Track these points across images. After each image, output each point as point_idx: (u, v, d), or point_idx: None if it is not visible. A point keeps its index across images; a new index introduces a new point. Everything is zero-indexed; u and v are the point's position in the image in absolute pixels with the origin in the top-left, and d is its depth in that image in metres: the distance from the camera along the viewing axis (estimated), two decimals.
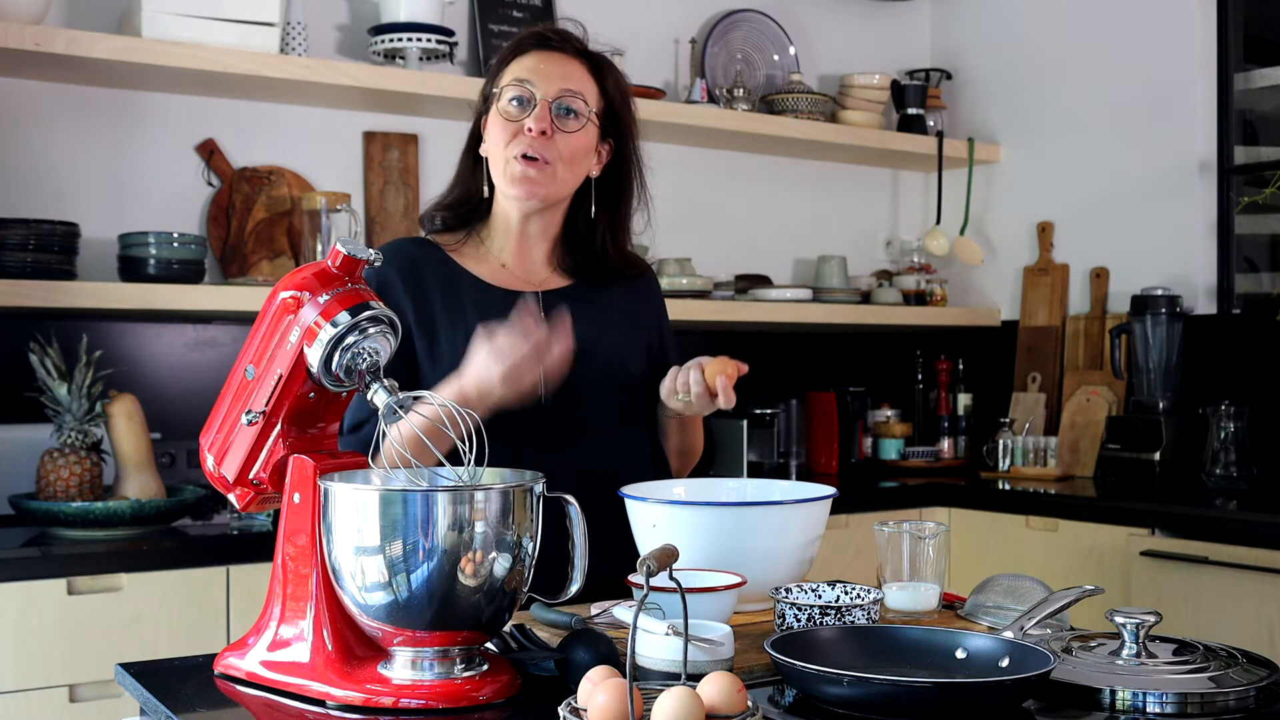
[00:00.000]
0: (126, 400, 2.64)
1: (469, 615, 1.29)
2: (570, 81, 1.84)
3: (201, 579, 2.44)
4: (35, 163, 2.89)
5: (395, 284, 1.83)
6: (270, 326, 1.39)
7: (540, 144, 1.80)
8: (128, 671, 1.43)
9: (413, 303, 1.83)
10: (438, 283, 1.85)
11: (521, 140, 1.80)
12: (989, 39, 4.08)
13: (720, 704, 1.13)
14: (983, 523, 3.31)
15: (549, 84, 1.82)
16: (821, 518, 1.66)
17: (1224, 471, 3.18)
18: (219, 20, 2.82)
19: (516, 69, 1.84)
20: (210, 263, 3.05)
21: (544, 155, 1.81)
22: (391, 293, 1.82)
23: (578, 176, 1.87)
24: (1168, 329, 3.40)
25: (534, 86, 1.82)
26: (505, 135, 1.82)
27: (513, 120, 1.82)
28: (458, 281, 1.86)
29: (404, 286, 1.83)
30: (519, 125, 1.81)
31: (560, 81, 1.83)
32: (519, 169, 1.81)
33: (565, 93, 1.83)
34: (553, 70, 1.83)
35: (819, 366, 3.98)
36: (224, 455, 1.43)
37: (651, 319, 2.01)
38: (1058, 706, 1.26)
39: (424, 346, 1.82)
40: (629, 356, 1.93)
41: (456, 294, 1.85)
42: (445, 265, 1.87)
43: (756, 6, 3.88)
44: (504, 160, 1.82)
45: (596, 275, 1.94)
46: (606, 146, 1.92)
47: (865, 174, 4.14)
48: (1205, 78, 3.53)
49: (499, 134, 1.83)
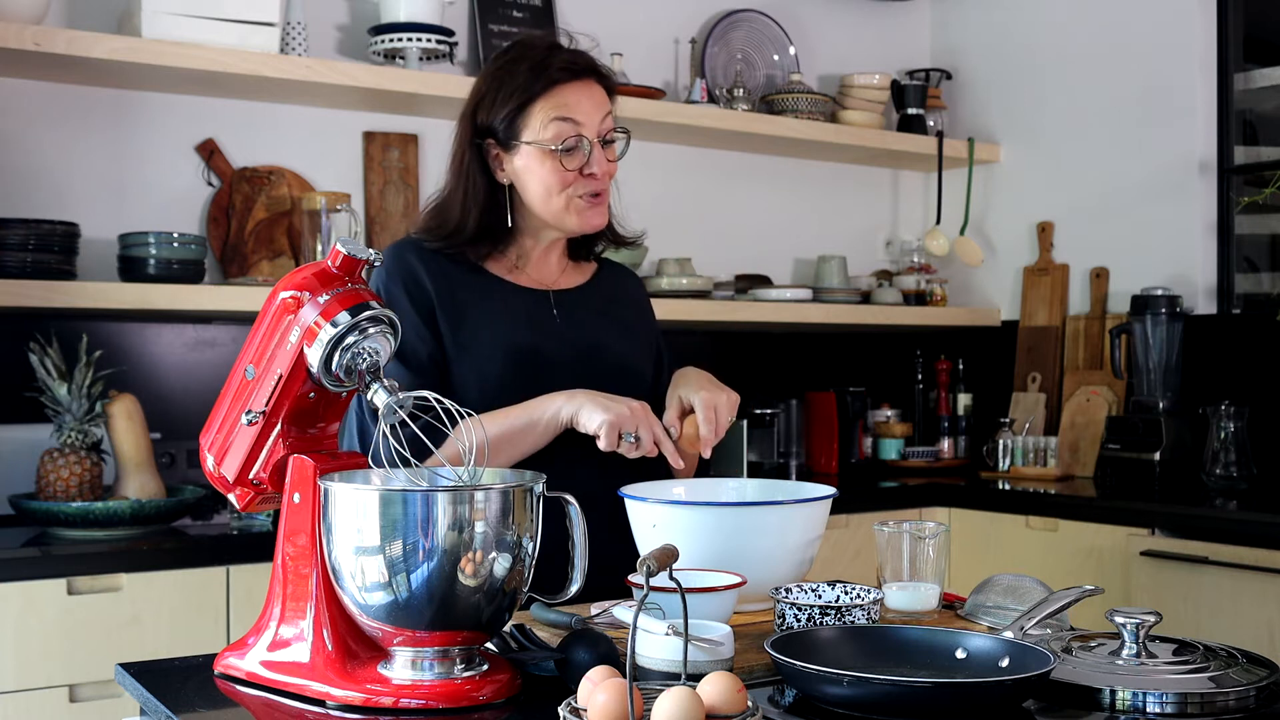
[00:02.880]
0: (126, 400, 2.64)
1: (469, 615, 1.29)
2: (604, 109, 1.90)
3: (201, 579, 2.44)
4: (35, 163, 2.89)
5: (420, 272, 1.87)
6: (270, 326, 1.39)
7: (602, 181, 1.89)
8: (128, 671, 1.43)
9: (437, 289, 1.87)
10: (460, 276, 1.89)
11: (584, 183, 1.87)
12: (989, 39, 4.08)
13: (720, 704, 1.13)
14: (983, 523, 3.31)
15: (592, 120, 1.87)
16: (821, 518, 1.66)
17: (1224, 471, 3.18)
18: (219, 20, 2.81)
19: (553, 108, 1.84)
20: (210, 263, 3.05)
21: (603, 189, 1.90)
22: (419, 278, 1.86)
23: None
24: (1168, 329, 3.40)
25: (581, 127, 1.85)
26: (563, 180, 1.86)
27: (571, 167, 1.85)
28: (477, 277, 1.91)
29: (429, 275, 1.87)
30: (577, 169, 1.85)
31: (599, 113, 1.88)
32: (583, 205, 1.88)
33: (605, 123, 1.89)
34: (589, 104, 1.87)
35: (819, 366, 3.98)
36: (224, 455, 1.43)
37: (648, 324, 2.10)
38: (1058, 706, 1.26)
39: (449, 332, 1.85)
40: (636, 357, 2.00)
41: (478, 288, 1.90)
42: (463, 262, 1.92)
43: (756, 6, 3.88)
44: (565, 200, 1.87)
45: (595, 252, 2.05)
46: None
47: (865, 174, 4.14)
48: (1205, 78, 3.53)
49: (554, 179, 1.85)
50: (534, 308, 1.92)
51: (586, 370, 1.88)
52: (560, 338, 1.91)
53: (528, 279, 1.95)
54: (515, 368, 1.85)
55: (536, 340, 1.88)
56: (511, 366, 1.85)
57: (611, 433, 1.73)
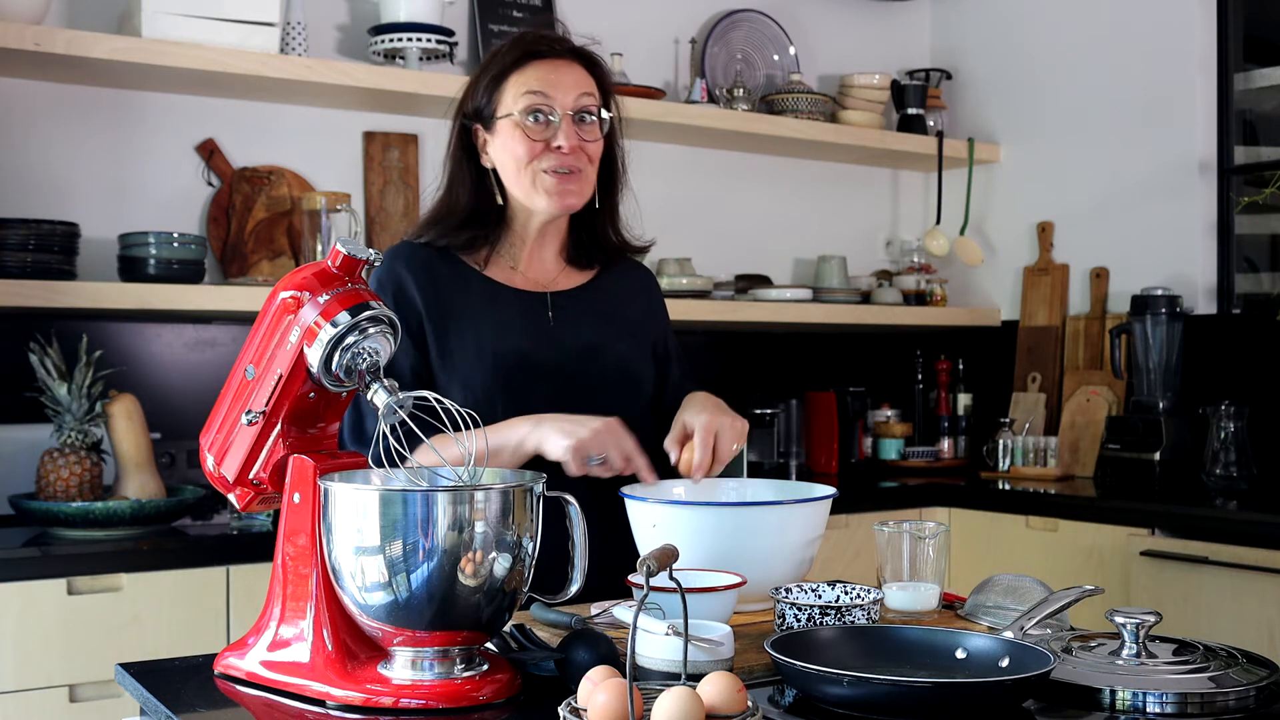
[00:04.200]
0: (126, 400, 2.64)
1: (469, 615, 1.29)
2: (581, 87, 1.86)
3: (201, 579, 2.44)
4: (35, 163, 2.89)
5: (408, 281, 1.85)
6: (270, 326, 1.39)
7: (572, 157, 1.84)
8: (128, 671, 1.43)
9: (425, 300, 1.85)
10: (451, 282, 1.87)
11: (550, 156, 1.83)
12: (989, 39, 4.08)
13: (720, 704, 1.13)
14: (983, 523, 3.31)
15: (565, 95, 1.84)
16: (821, 518, 1.66)
17: (1224, 471, 3.18)
18: (219, 20, 2.81)
19: (525, 81, 1.84)
20: (210, 263, 3.05)
21: (575, 166, 1.84)
22: (406, 290, 1.85)
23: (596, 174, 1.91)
24: (1168, 329, 3.40)
25: (551, 99, 1.83)
26: (529, 150, 1.83)
27: (538, 137, 1.83)
28: (470, 282, 1.89)
29: (417, 284, 1.85)
30: (544, 141, 1.83)
31: (574, 89, 1.85)
32: (551, 182, 1.84)
33: (581, 100, 1.85)
34: (564, 79, 1.85)
35: (819, 366, 3.98)
36: (224, 455, 1.43)
37: (655, 320, 2.05)
38: (1058, 706, 1.26)
39: (435, 343, 1.84)
40: (637, 358, 1.97)
41: (470, 294, 1.88)
42: (457, 266, 1.90)
43: (756, 6, 3.88)
44: (532, 175, 1.84)
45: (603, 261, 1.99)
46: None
47: (865, 174, 4.14)
48: (1205, 78, 3.53)
49: (521, 148, 1.84)
50: (529, 311, 1.90)
51: (582, 374, 1.86)
52: (555, 342, 1.88)
53: (525, 280, 1.93)
54: (502, 375, 1.82)
55: (527, 346, 1.85)
56: (498, 374, 1.82)
57: (576, 457, 1.69)
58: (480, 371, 1.82)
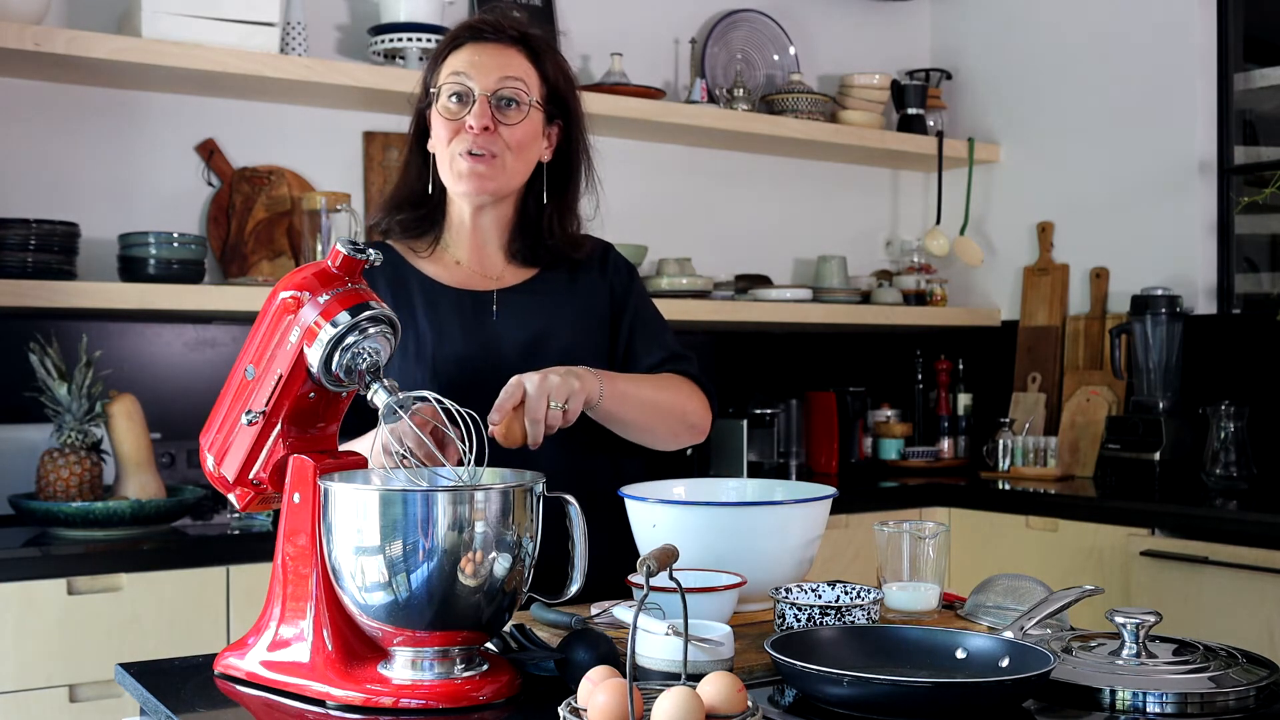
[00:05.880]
0: (126, 400, 2.64)
1: (469, 615, 1.29)
2: (508, 70, 1.81)
3: (201, 579, 2.43)
4: (35, 163, 2.89)
5: None
6: (270, 326, 1.39)
7: (484, 139, 1.79)
8: (128, 671, 1.43)
9: None
10: (386, 285, 1.84)
11: (465, 138, 1.79)
12: (989, 39, 4.08)
13: (720, 704, 1.12)
14: (983, 523, 3.31)
15: (486, 76, 1.80)
16: (821, 518, 1.66)
17: (1224, 471, 3.18)
18: (219, 20, 2.81)
19: (453, 63, 1.82)
20: (210, 263, 3.05)
21: (489, 149, 1.80)
22: None
23: (527, 165, 1.86)
24: (1168, 329, 3.40)
25: (471, 81, 1.80)
26: (448, 132, 1.81)
27: (453, 118, 1.80)
28: (408, 283, 1.86)
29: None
30: (460, 122, 1.80)
31: (497, 72, 1.81)
32: (465, 165, 1.80)
33: (503, 83, 1.80)
34: (488, 61, 1.81)
35: (819, 366, 3.98)
36: (224, 455, 1.43)
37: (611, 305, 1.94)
38: (1058, 706, 1.26)
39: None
40: (584, 349, 1.88)
41: (405, 295, 1.85)
42: (396, 267, 1.87)
43: (756, 6, 3.88)
44: (449, 158, 1.81)
45: (548, 261, 1.91)
46: (555, 129, 1.89)
47: (865, 174, 4.14)
48: (1205, 78, 3.53)
49: (442, 131, 1.82)
50: (469, 311, 1.85)
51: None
52: (500, 339, 1.84)
53: (470, 276, 1.88)
54: (441, 378, 1.79)
55: (466, 348, 1.82)
56: (436, 378, 1.79)
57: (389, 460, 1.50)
58: (420, 374, 1.80)
